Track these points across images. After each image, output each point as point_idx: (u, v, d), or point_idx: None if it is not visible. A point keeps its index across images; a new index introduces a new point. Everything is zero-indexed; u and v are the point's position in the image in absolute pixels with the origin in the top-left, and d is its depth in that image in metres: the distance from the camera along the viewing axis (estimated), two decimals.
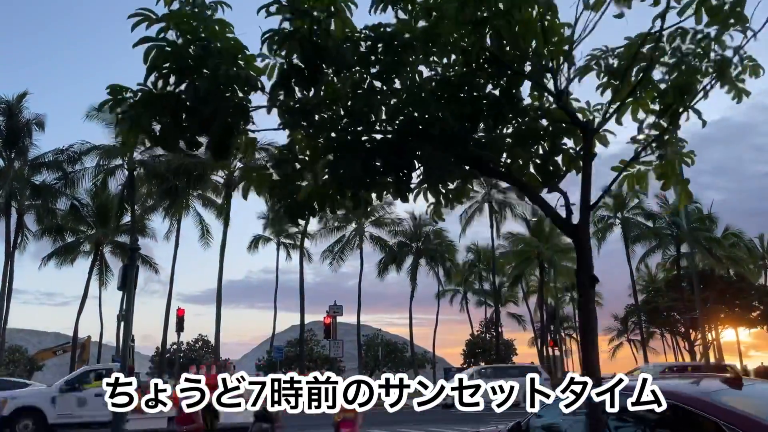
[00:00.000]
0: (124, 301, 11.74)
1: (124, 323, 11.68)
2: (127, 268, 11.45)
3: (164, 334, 39.70)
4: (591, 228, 25.18)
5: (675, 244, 45.10)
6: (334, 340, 33.90)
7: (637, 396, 4.30)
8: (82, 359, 44.80)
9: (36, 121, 36.52)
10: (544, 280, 51.01)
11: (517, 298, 65.26)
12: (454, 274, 56.07)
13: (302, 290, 38.14)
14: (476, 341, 58.98)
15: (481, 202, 49.20)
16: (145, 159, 37.21)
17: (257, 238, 54.93)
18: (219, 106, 4.24)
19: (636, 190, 5.21)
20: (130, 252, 11.95)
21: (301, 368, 38.64)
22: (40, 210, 37.52)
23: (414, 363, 55.58)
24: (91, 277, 43.82)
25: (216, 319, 36.61)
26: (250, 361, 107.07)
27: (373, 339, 59.94)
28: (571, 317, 69.41)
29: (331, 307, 34.74)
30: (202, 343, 61.10)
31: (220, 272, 36.62)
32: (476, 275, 64.49)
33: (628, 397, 4.44)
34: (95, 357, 47.21)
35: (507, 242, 52.80)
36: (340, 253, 48.04)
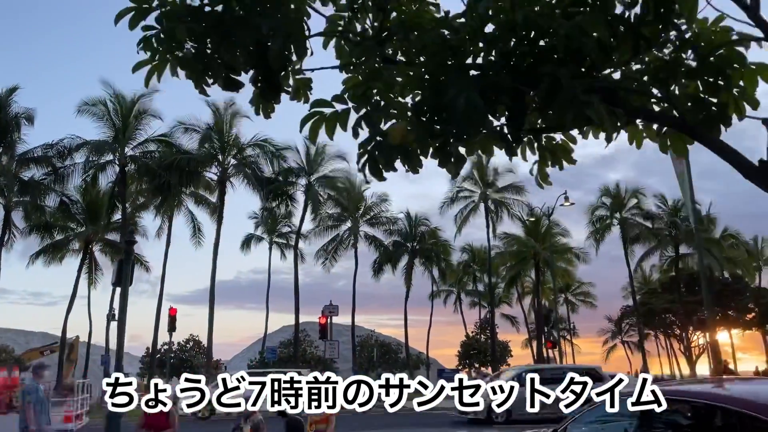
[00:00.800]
0: (119, 298, 11.02)
1: (119, 320, 10.99)
2: (122, 263, 10.78)
3: (155, 334, 38.95)
4: (589, 228, 23.83)
5: (674, 245, 44.79)
6: (329, 340, 33.22)
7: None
8: (70, 359, 43.95)
9: (25, 115, 35.62)
10: (540, 281, 50.57)
11: (511, 300, 64.88)
12: (449, 274, 55.56)
13: (297, 289, 37.50)
14: (471, 342, 58.47)
15: (477, 202, 48.73)
16: (136, 155, 36.47)
17: (250, 237, 54.24)
18: (278, 22, 3.29)
19: None
20: (126, 245, 11.25)
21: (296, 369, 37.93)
22: (28, 206, 36.57)
23: (409, 364, 54.99)
24: (80, 275, 42.98)
25: (209, 319, 35.94)
26: (241, 362, 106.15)
27: (367, 340, 59.41)
28: (565, 318, 69.10)
29: (327, 306, 34.06)
30: (194, 343, 60.20)
31: (213, 271, 35.94)
32: (470, 276, 64.02)
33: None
34: (84, 357, 46.31)
35: (502, 243, 52.40)
36: (333, 252, 47.34)
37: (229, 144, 37.04)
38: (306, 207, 38.43)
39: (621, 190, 44.42)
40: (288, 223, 52.68)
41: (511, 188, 48.11)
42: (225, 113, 36.88)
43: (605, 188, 45.07)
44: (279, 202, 38.68)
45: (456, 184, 49.14)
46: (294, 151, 38.49)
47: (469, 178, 48.96)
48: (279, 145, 37.24)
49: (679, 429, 5.20)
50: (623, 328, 69.71)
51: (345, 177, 40.89)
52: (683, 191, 23.62)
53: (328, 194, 39.98)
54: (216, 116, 36.87)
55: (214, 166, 37.11)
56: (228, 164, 37.13)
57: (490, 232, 47.70)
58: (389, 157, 3.20)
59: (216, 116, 36.87)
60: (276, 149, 37.06)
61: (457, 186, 49.18)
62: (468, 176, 48.95)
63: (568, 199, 34.61)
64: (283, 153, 37.44)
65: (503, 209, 48.35)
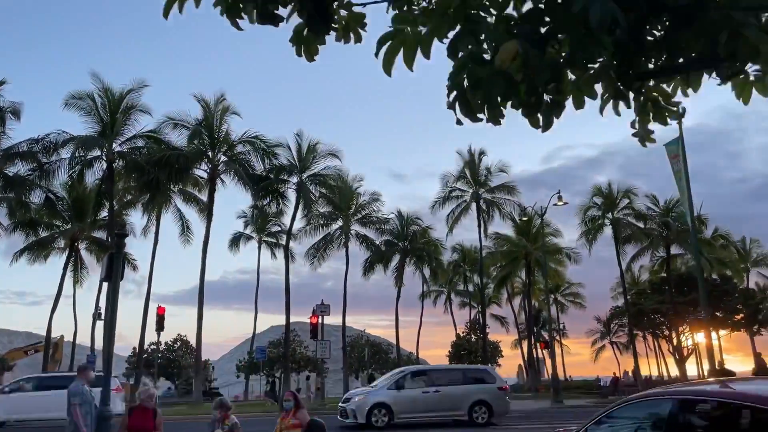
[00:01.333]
0: (107, 294, 10.54)
1: (109, 316, 10.50)
2: (113, 256, 10.28)
3: (142, 334, 38.20)
4: (581, 228, 23.45)
5: (665, 246, 44.77)
6: (321, 340, 32.74)
7: None
8: (54, 359, 43.24)
9: (11, 110, 34.78)
10: (531, 281, 50.43)
11: (500, 300, 64.77)
12: (440, 273, 55.27)
13: (288, 288, 36.92)
14: (462, 343, 58.22)
15: (469, 202, 48.47)
16: (124, 151, 35.77)
17: (238, 235, 53.57)
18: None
19: None
20: (117, 237, 10.74)
21: (286, 369, 37.42)
22: (13, 203, 35.70)
23: (400, 364, 54.56)
24: (66, 274, 42.13)
25: (198, 319, 35.28)
26: (229, 362, 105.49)
27: (358, 340, 58.99)
28: (554, 319, 69.17)
29: (318, 306, 33.58)
30: (182, 343, 59.43)
31: (202, 270, 35.28)
32: (461, 276, 63.81)
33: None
34: (69, 357, 45.50)
35: (493, 243, 52.19)
36: (323, 251, 46.80)
37: (220, 140, 36.44)
38: (298, 205, 37.89)
39: (613, 189, 44.30)
40: (278, 222, 52.17)
41: (503, 188, 47.93)
42: (215, 108, 36.29)
43: (597, 188, 44.94)
44: (270, 200, 38.13)
45: (449, 183, 48.92)
46: (285, 148, 37.99)
47: (462, 177, 48.74)
48: (270, 142, 36.72)
49: (707, 430, 4.93)
50: (612, 328, 69.90)
51: (337, 174, 40.42)
52: (680, 189, 23.55)
53: (320, 192, 39.45)
54: (206, 111, 36.27)
55: (204, 163, 36.48)
56: (218, 161, 36.52)
57: (481, 232, 47.49)
58: (491, 88, 2.42)
59: (206, 111, 36.27)
60: (267, 146, 36.52)
61: (449, 186, 48.95)
62: (460, 175, 48.73)
63: (561, 199, 34.39)
64: (274, 150, 36.92)
65: (495, 209, 48.15)
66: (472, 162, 48.22)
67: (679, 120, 22.77)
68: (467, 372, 21.63)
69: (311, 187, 38.77)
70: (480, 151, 48.47)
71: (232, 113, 36.75)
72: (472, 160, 48.27)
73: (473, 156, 48.31)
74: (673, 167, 23.23)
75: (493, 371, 23.16)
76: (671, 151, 23.33)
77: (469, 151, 48.39)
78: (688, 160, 22.79)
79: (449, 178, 48.96)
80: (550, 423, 17.45)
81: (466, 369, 23.76)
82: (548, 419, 21.11)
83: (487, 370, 22.64)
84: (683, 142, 22.53)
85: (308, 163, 38.57)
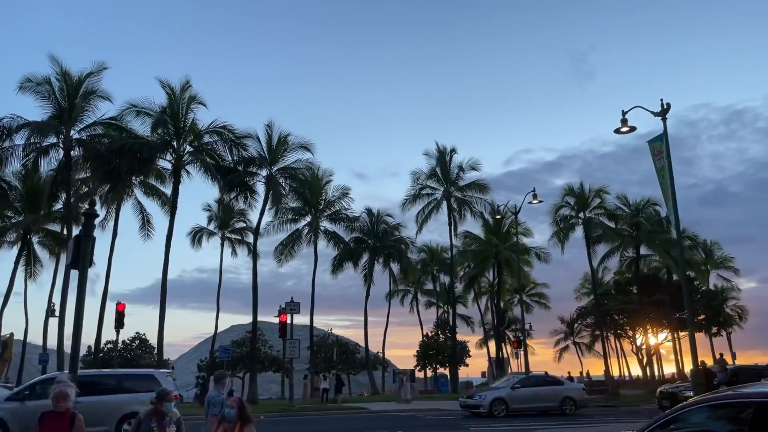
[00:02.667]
0: (79, 281, 9.31)
1: (76, 307, 9.28)
2: (80, 239, 9.05)
3: (98, 332, 36.15)
4: (553, 227, 23.40)
5: (634, 246, 45.02)
6: (290, 339, 31.51)
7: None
8: (3, 358, 41.16)
9: None
10: (501, 281, 50.12)
11: (466, 300, 64.43)
12: (410, 271, 54.56)
13: (255, 286, 35.45)
14: (430, 343, 57.60)
15: (440, 200, 47.85)
16: (83, 138, 33.82)
17: (199, 231, 51.61)
18: None
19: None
20: (85, 219, 9.49)
21: (253, 369, 36.00)
22: None
23: (368, 364, 53.65)
24: (17, 268, 39.84)
25: (159, 317, 33.55)
26: (189, 362, 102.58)
27: (324, 340, 57.81)
28: (520, 319, 69.26)
29: (288, 304, 32.36)
30: (140, 341, 57.16)
31: (165, 265, 33.48)
32: (429, 275, 63.27)
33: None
34: (18, 356, 43.11)
35: (462, 243, 51.71)
36: (291, 248, 45.47)
37: (186, 129, 34.76)
38: (267, 199, 36.46)
39: (585, 189, 44.23)
40: (242, 219, 50.49)
41: (475, 186, 47.46)
42: (181, 96, 34.59)
43: (569, 187, 44.80)
44: (238, 193, 36.59)
45: (419, 180, 48.21)
46: (255, 140, 36.49)
47: (432, 175, 48.06)
48: (239, 133, 35.16)
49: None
50: (575, 329, 70.39)
51: (308, 168, 39.14)
52: (663, 186, 23.17)
53: (290, 186, 38.10)
54: (171, 98, 34.49)
55: (169, 153, 34.74)
56: (184, 151, 34.85)
57: (452, 231, 46.92)
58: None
59: (171, 98, 34.49)
60: (236, 137, 34.99)
61: (419, 183, 48.24)
62: (431, 173, 48.05)
63: (536, 197, 34.01)
64: (243, 141, 35.40)
65: (466, 208, 47.64)
66: (443, 159, 47.58)
67: (664, 116, 22.55)
68: (554, 378, 27.48)
69: (281, 181, 37.43)
70: (451, 148, 47.89)
71: (198, 103, 35.13)
72: (442, 157, 47.61)
73: (443, 153, 47.64)
74: (656, 164, 22.89)
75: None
76: (655, 148, 23.04)
77: (439, 149, 47.70)
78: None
79: (420, 175, 48.29)
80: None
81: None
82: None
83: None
84: (667, 138, 22.23)
85: (279, 155, 37.19)
